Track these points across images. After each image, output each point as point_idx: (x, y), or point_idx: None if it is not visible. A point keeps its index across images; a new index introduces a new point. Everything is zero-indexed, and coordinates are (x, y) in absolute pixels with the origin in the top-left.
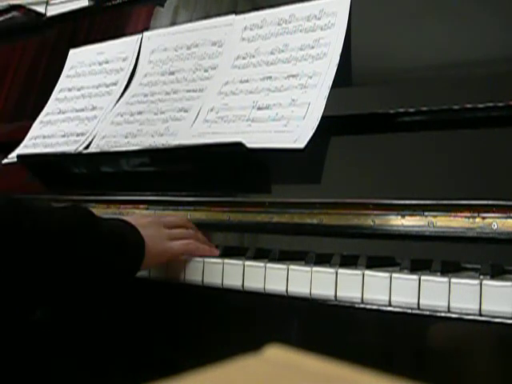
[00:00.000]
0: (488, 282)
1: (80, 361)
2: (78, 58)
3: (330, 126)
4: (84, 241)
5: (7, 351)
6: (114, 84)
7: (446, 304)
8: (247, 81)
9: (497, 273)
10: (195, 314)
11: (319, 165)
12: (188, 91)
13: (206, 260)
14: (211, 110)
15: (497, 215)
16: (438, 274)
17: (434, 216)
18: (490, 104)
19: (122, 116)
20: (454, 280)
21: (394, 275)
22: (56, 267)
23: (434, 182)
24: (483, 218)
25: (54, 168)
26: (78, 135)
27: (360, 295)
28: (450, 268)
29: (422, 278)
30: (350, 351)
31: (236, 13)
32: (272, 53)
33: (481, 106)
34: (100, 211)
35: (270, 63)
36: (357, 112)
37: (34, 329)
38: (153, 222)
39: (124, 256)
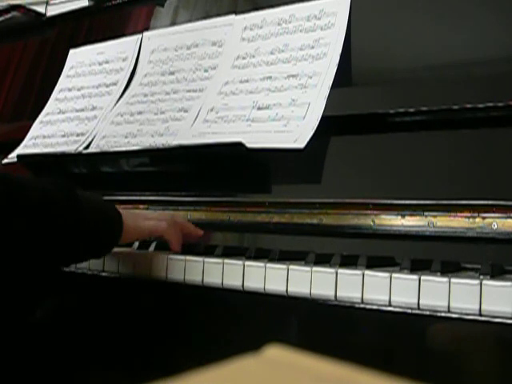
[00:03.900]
0: (488, 282)
1: (80, 361)
2: (78, 57)
3: (330, 126)
4: (63, 212)
5: (7, 352)
6: (114, 84)
7: (446, 304)
8: (247, 81)
9: (497, 273)
10: (195, 313)
11: (319, 165)
12: (188, 91)
13: (206, 260)
14: (211, 109)
15: (497, 215)
16: (438, 274)
17: (434, 216)
18: (490, 104)
19: (121, 116)
20: (453, 280)
21: (394, 275)
22: (33, 237)
23: (433, 182)
24: (483, 218)
25: (53, 168)
26: (78, 135)
27: (360, 295)
28: (450, 268)
29: (422, 278)
30: (350, 351)
31: (236, 13)
32: (272, 53)
33: (481, 105)
34: None
35: (270, 63)
36: (357, 112)
37: (33, 330)
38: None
39: (104, 228)
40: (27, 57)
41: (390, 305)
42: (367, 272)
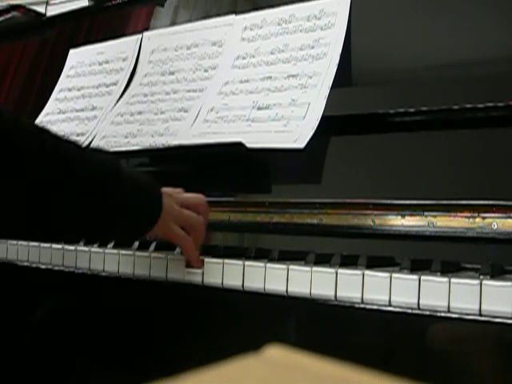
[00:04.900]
0: (488, 282)
1: (80, 361)
2: (78, 57)
3: (330, 126)
4: (107, 186)
5: (7, 352)
6: (114, 84)
7: (446, 304)
8: (247, 81)
9: (497, 273)
10: (195, 313)
11: (319, 165)
12: (188, 91)
13: (206, 260)
14: (211, 109)
15: (497, 215)
16: (438, 274)
17: (434, 216)
18: (490, 104)
19: (122, 116)
20: (453, 280)
21: (394, 275)
22: (74, 207)
23: (433, 182)
24: (483, 218)
25: None
26: (77, 135)
27: (360, 295)
28: (450, 268)
29: (422, 278)
30: (350, 351)
31: (236, 13)
32: (272, 53)
33: (481, 105)
34: None
35: (270, 63)
36: (357, 112)
37: (33, 330)
38: (172, 197)
39: (143, 207)
40: (27, 57)
41: (390, 305)
42: (367, 272)
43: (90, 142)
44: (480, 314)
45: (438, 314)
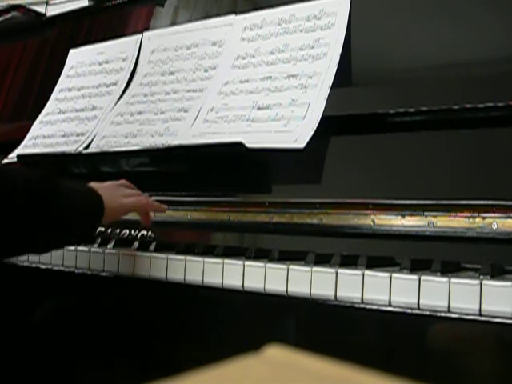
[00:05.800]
0: (488, 282)
1: (80, 361)
2: (78, 57)
3: (330, 126)
4: (48, 200)
5: (7, 352)
6: (114, 84)
7: (446, 304)
8: (247, 81)
9: (497, 273)
10: (195, 313)
11: (319, 165)
12: (188, 91)
13: (206, 260)
14: (211, 109)
15: (497, 215)
16: (438, 274)
17: (434, 216)
18: (490, 104)
19: (122, 116)
20: (453, 280)
21: (394, 275)
22: (17, 224)
23: (434, 182)
24: (483, 218)
25: (53, 168)
26: (78, 135)
27: (360, 295)
28: (450, 268)
29: (422, 278)
30: (350, 351)
31: (236, 13)
32: (272, 53)
33: (481, 105)
34: None
35: (270, 63)
36: (357, 112)
37: (33, 330)
38: (109, 183)
39: (86, 212)
40: (27, 57)
41: (390, 305)
42: (367, 272)
43: (90, 142)
44: (480, 314)
45: (438, 314)
